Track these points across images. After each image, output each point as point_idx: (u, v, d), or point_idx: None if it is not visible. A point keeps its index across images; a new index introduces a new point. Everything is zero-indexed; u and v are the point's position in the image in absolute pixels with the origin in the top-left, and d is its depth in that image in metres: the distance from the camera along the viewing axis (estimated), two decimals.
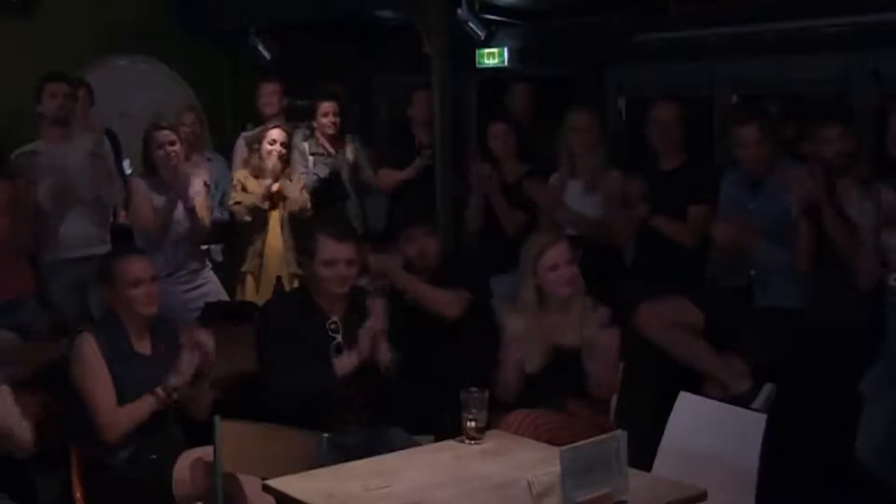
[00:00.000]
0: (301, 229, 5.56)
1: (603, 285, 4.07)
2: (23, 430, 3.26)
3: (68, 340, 3.69)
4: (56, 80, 5.19)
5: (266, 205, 5.69)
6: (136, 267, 3.71)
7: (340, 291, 3.82)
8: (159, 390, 3.55)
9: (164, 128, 5.26)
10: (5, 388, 3.27)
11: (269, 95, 6.32)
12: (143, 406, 3.55)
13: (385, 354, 3.76)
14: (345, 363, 3.72)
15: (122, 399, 3.56)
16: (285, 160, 5.75)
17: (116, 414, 3.53)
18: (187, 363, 3.58)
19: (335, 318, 3.84)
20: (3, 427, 3.19)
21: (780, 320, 4.27)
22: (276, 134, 5.72)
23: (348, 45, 7.16)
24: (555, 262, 3.91)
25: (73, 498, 3.52)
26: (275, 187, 5.69)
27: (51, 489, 3.71)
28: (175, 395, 3.58)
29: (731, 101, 6.27)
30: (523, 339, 3.91)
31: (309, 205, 5.82)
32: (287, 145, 5.77)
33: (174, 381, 3.57)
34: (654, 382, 4.33)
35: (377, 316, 3.77)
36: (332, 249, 3.80)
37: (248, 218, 5.74)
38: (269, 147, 5.70)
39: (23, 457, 3.31)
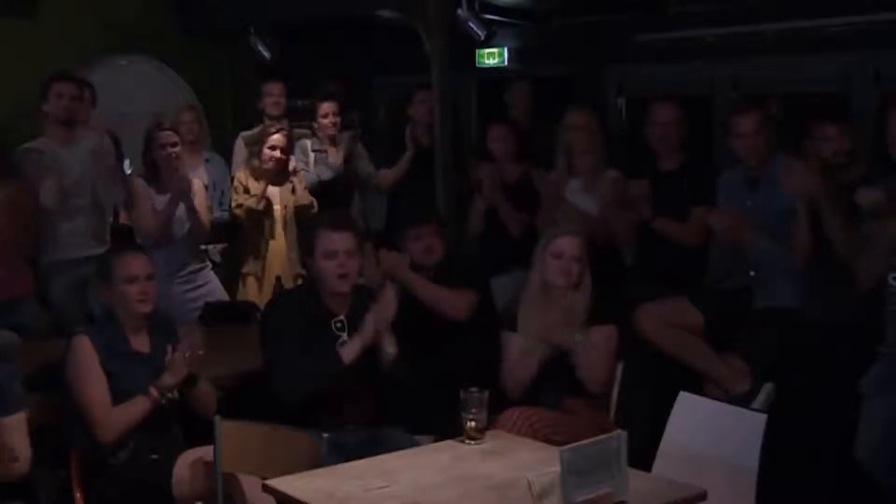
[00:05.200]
0: (305, 229, 5.56)
1: (602, 285, 4.08)
2: (25, 458, 3.26)
3: (65, 341, 3.69)
4: (63, 79, 5.18)
5: (262, 205, 5.69)
6: (134, 264, 3.72)
7: (343, 289, 3.81)
8: (152, 390, 3.55)
9: (167, 128, 5.28)
10: (22, 417, 3.27)
11: (278, 96, 6.35)
12: (137, 406, 3.55)
13: (390, 347, 3.76)
14: (351, 348, 3.71)
15: (122, 397, 3.56)
16: (285, 165, 5.75)
17: (111, 414, 3.53)
18: (179, 361, 3.58)
19: (341, 317, 3.84)
20: (10, 456, 3.18)
21: (780, 321, 4.27)
22: (276, 140, 5.71)
23: (348, 45, 7.17)
24: (561, 250, 3.95)
25: (73, 498, 3.52)
26: (274, 193, 5.69)
27: (51, 489, 3.71)
28: (169, 395, 3.58)
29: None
30: (524, 327, 3.94)
31: (315, 203, 5.83)
32: (287, 149, 5.76)
33: (168, 380, 3.57)
34: (654, 382, 4.34)
35: (387, 302, 3.77)
36: (331, 240, 3.80)
37: (251, 225, 5.74)
38: (269, 152, 5.70)
39: (16, 480, 3.31)
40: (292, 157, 5.91)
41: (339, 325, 3.84)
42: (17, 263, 4.81)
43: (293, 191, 5.77)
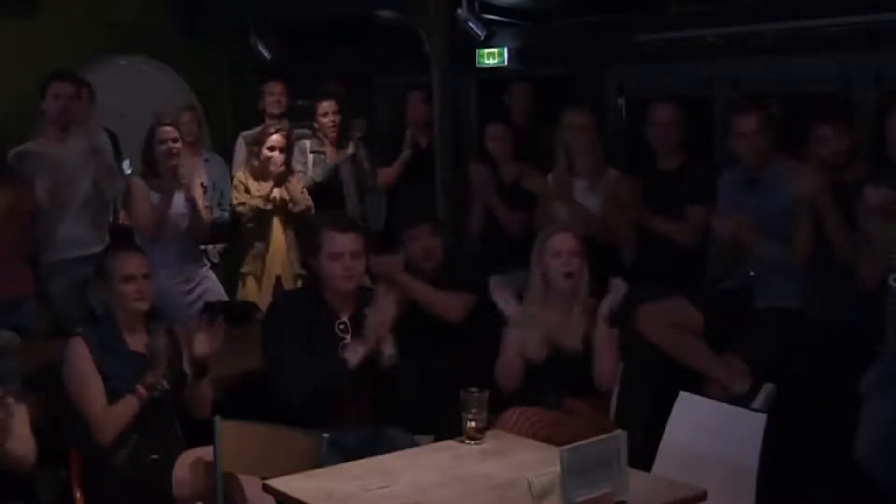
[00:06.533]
0: (305, 230, 5.56)
1: (602, 285, 4.08)
2: (29, 450, 3.27)
3: (62, 342, 3.70)
4: (62, 78, 5.18)
5: (269, 206, 5.69)
6: (131, 263, 3.73)
7: (348, 288, 3.81)
8: (139, 388, 3.55)
9: (167, 124, 5.28)
10: (23, 408, 3.28)
11: (278, 95, 6.38)
12: (127, 406, 3.55)
13: (389, 348, 3.76)
14: (356, 352, 3.71)
15: (119, 398, 3.56)
16: (285, 164, 5.74)
17: (106, 415, 3.53)
18: (158, 357, 3.58)
19: (344, 319, 3.85)
20: (13, 449, 3.19)
21: (780, 320, 4.27)
22: (275, 140, 5.70)
23: (348, 45, 7.17)
24: (559, 248, 3.96)
25: (72, 498, 3.52)
26: (276, 193, 5.69)
27: (51, 489, 3.71)
28: (158, 390, 3.58)
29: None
30: (525, 325, 3.94)
31: (312, 204, 5.82)
32: (286, 149, 5.75)
33: (150, 377, 3.57)
34: (654, 382, 4.34)
35: (386, 305, 3.77)
36: (337, 242, 3.80)
37: (251, 224, 5.74)
38: (269, 153, 5.69)
39: (23, 472, 3.32)
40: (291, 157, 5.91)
41: (342, 327, 3.84)
42: (17, 263, 4.82)
43: (291, 191, 5.76)
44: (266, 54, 7.21)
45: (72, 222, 5.17)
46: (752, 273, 4.43)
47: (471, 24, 6.18)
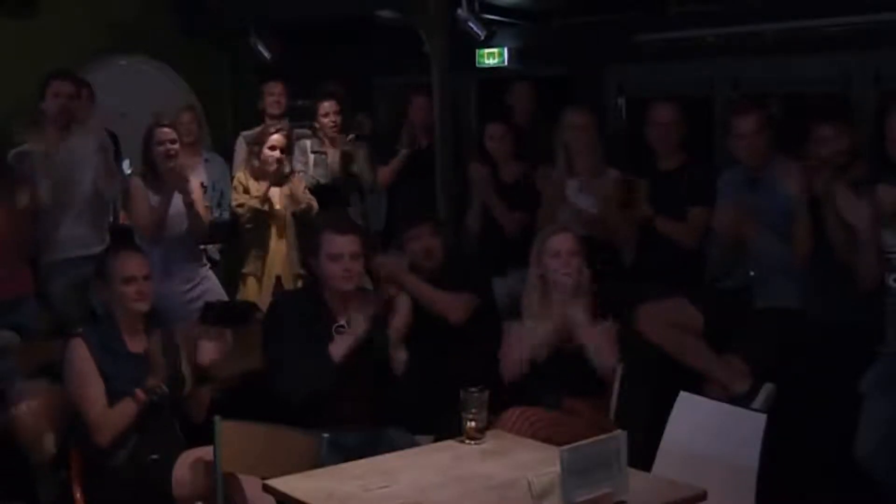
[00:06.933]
0: (306, 230, 5.56)
1: (600, 284, 4.08)
2: (48, 440, 3.28)
3: (63, 342, 3.70)
4: (62, 77, 5.18)
5: (266, 206, 5.69)
6: (131, 265, 3.73)
7: (347, 288, 3.82)
8: (138, 392, 3.55)
9: (166, 125, 5.29)
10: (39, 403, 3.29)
11: (278, 95, 6.39)
12: (125, 409, 3.55)
13: (401, 353, 3.77)
14: (341, 346, 3.71)
15: (119, 399, 3.56)
16: (285, 164, 5.74)
17: (106, 416, 3.53)
18: (158, 361, 3.57)
19: (342, 322, 3.84)
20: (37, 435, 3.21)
21: (780, 320, 4.27)
22: (276, 140, 5.69)
23: (348, 45, 7.17)
24: (557, 248, 3.97)
25: (73, 498, 3.52)
26: (277, 195, 5.68)
27: (51, 489, 3.71)
28: (157, 395, 3.57)
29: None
30: (528, 323, 3.94)
31: (315, 204, 5.82)
32: (287, 149, 5.75)
33: (150, 381, 3.57)
34: (654, 382, 4.34)
35: (403, 314, 3.78)
36: (336, 243, 3.81)
37: (249, 225, 5.73)
38: (269, 153, 5.68)
39: (40, 461, 3.33)
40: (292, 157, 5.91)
41: (340, 329, 3.84)
42: (17, 263, 4.82)
43: (292, 191, 5.76)
44: (266, 54, 7.22)
45: (72, 222, 5.18)
46: (752, 273, 4.43)
47: (471, 24, 6.18)
